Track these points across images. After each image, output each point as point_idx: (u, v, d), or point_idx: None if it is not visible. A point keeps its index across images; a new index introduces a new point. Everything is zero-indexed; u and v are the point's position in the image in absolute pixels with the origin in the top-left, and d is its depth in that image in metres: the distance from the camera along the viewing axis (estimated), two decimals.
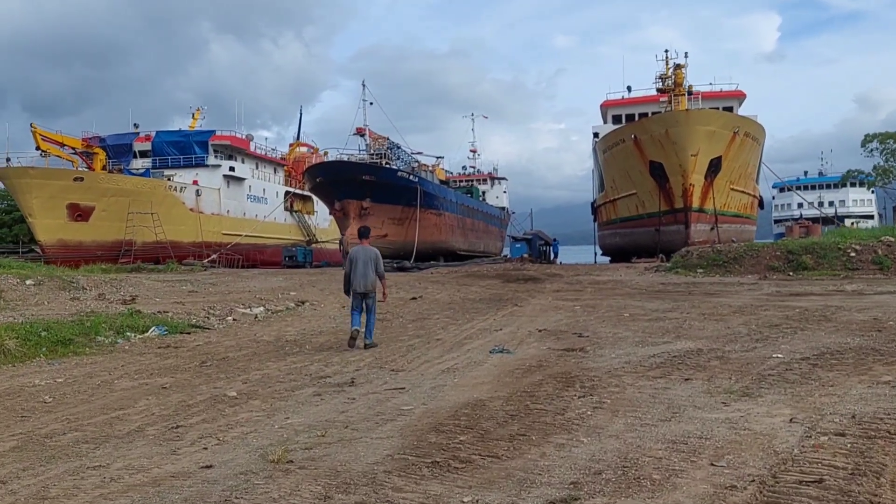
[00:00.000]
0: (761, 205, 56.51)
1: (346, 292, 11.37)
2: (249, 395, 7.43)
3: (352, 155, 59.93)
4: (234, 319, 14.76)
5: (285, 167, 77.66)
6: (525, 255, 49.21)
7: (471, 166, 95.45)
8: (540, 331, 12.14)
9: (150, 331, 12.60)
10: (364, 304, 11.07)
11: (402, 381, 7.94)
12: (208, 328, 13.50)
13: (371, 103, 62.37)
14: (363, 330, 10.99)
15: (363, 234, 11.77)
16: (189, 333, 12.81)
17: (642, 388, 7.18)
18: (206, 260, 54.63)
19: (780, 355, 8.88)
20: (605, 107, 59.02)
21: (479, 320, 14.17)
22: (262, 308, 15.62)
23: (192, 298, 16.81)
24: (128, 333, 12.26)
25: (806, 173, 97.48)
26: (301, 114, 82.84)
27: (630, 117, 54.11)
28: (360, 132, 61.10)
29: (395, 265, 34.87)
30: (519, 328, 12.64)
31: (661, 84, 49.76)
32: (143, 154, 65.18)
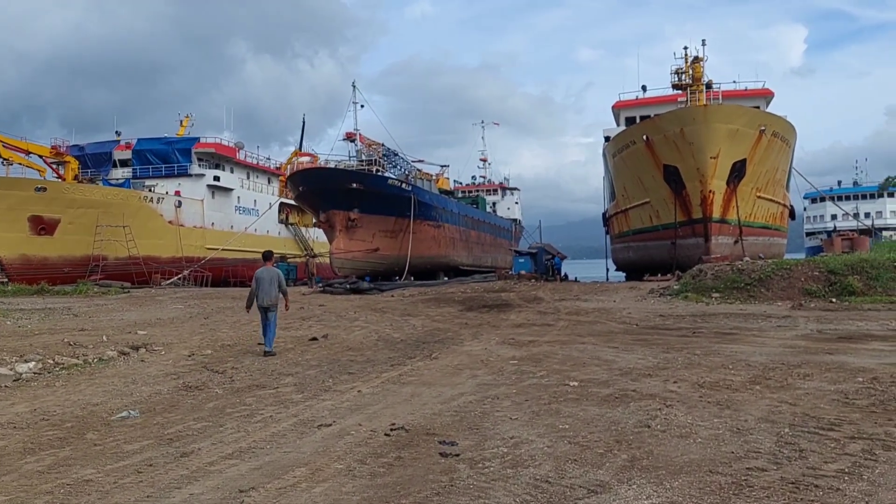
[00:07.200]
0: (792, 215, 50.22)
1: (248, 308, 13.21)
2: None
3: (339, 162, 54.81)
4: None
5: (281, 177, 72.84)
6: (523, 273, 43.55)
7: (481, 176, 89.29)
8: (391, 431, 6.65)
9: None
10: (267, 317, 12.59)
11: None
12: None
13: (362, 106, 57.24)
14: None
15: (267, 256, 13.39)
16: None
17: None
18: (176, 277, 49.91)
19: None
20: (618, 108, 53.09)
21: (330, 395, 8.70)
22: (33, 363, 10.33)
23: None
24: None
25: (840, 183, 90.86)
26: (304, 122, 77.85)
27: (644, 119, 48.11)
28: (349, 137, 55.84)
29: (347, 286, 29.33)
30: (365, 422, 7.14)
31: (676, 79, 43.93)
32: (124, 163, 60.98)
